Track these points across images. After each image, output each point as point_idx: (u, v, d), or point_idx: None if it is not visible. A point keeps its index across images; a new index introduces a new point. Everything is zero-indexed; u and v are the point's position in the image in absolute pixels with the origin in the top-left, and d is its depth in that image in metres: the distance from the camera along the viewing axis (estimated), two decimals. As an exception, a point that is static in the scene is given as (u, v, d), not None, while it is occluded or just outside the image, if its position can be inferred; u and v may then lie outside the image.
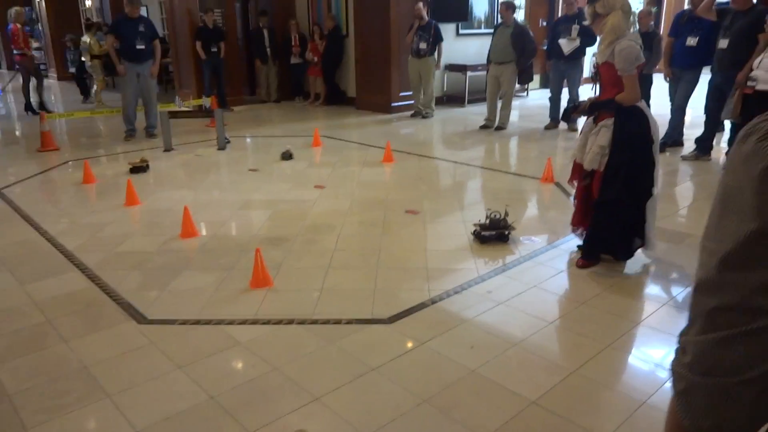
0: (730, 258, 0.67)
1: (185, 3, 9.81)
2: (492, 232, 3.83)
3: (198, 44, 9.50)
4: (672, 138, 6.50)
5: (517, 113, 9.09)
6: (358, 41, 9.60)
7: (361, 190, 5.18)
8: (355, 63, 9.79)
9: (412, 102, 9.15)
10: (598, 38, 3.35)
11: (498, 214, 3.86)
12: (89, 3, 15.83)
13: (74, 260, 3.65)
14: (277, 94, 10.70)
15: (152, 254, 3.76)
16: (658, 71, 6.83)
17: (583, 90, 7.97)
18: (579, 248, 3.64)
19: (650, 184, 3.31)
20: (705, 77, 6.10)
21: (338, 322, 2.84)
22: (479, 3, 10.16)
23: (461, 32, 10.01)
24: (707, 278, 0.71)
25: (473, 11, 10.07)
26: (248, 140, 7.62)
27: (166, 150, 6.81)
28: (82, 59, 10.94)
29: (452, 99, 10.13)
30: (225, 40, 9.74)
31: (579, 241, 3.68)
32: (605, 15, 3.19)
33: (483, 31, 10.12)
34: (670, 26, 6.62)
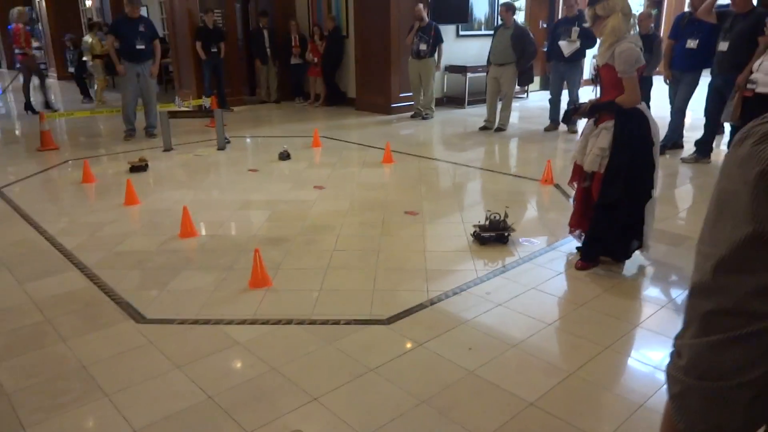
0: (725, 262, 0.67)
1: (185, 3, 9.82)
2: (491, 234, 3.83)
3: (198, 44, 9.50)
4: (672, 140, 6.50)
5: (517, 115, 9.10)
6: (358, 42, 9.61)
7: (361, 191, 5.18)
8: (355, 64, 9.79)
9: (412, 103, 9.16)
10: (599, 40, 3.35)
11: (497, 216, 3.86)
12: (89, 3, 15.82)
13: (73, 259, 3.65)
14: (277, 95, 10.71)
15: (151, 254, 3.76)
16: (658, 73, 6.84)
17: (583, 92, 7.98)
18: (578, 250, 3.64)
19: (650, 186, 3.32)
20: (705, 80, 6.11)
21: (337, 323, 2.85)
22: (479, 4, 10.17)
23: (461, 33, 10.02)
24: (702, 282, 0.70)
25: (473, 13, 10.08)
26: (248, 140, 7.62)
27: (166, 150, 6.81)
28: (83, 59, 10.95)
29: (452, 100, 10.14)
30: (225, 41, 9.75)
31: (578, 243, 3.69)
32: (606, 17, 3.19)
33: (483, 33, 10.12)
34: (671, 28, 6.63)
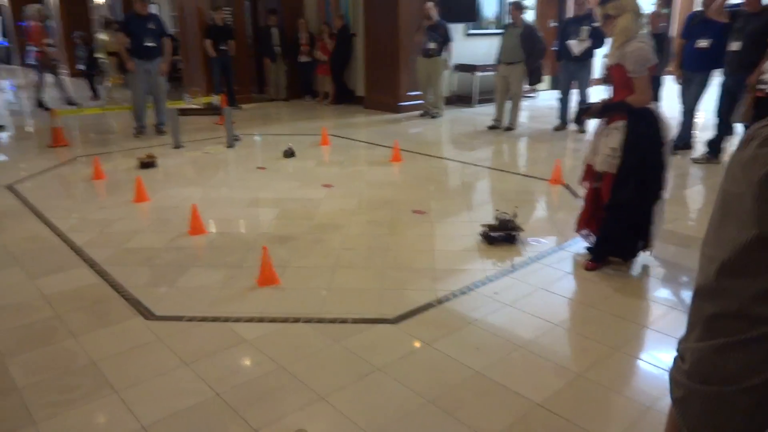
0: (729, 265, 0.66)
1: (195, 1, 9.86)
2: (500, 233, 3.82)
3: (207, 42, 9.53)
4: (682, 141, 6.45)
5: (527, 114, 9.06)
6: (367, 40, 9.60)
7: (369, 190, 5.18)
8: (364, 62, 9.79)
9: (421, 102, 9.14)
10: (609, 40, 3.33)
11: (506, 215, 3.85)
12: (101, 0, 15.89)
13: (83, 256, 3.68)
14: (286, 93, 10.73)
15: (160, 251, 3.78)
16: (669, 73, 6.79)
17: (593, 91, 7.93)
18: (588, 251, 3.62)
19: (660, 187, 3.30)
20: (716, 80, 6.06)
21: (344, 322, 2.85)
22: (488, 3, 10.13)
23: (470, 32, 9.99)
24: (706, 285, 0.70)
25: (482, 11, 10.05)
26: (257, 138, 7.64)
27: (175, 147, 6.84)
28: (95, 56, 11.02)
29: (461, 99, 10.11)
30: (234, 39, 9.77)
31: (586, 243, 3.67)
32: (616, 17, 3.17)
33: (492, 32, 10.09)
34: (682, 28, 6.58)
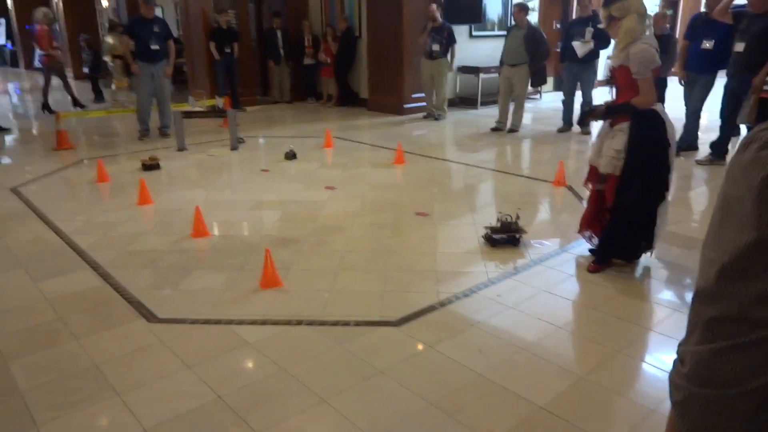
0: (729, 268, 0.66)
1: (200, 4, 9.89)
2: (503, 236, 3.81)
3: (212, 45, 9.57)
4: (687, 142, 6.42)
5: (530, 116, 9.05)
6: (371, 43, 9.61)
7: (372, 192, 5.18)
8: (368, 64, 9.80)
9: (425, 104, 9.14)
10: (613, 41, 3.32)
11: (509, 217, 3.85)
12: (106, 3, 15.99)
13: (87, 258, 3.69)
14: (290, 95, 10.75)
15: (164, 253, 3.79)
16: (673, 74, 6.77)
17: (597, 93, 7.91)
18: (591, 252, 3.61)
19: (665, 188, 3.28)
20: (720, 81, 6.04)
21: (347, 324, 2.85)
22: (492, 5, 10.13)
23: (474, 34, 9.99)
24: (706, 287, 0.69)
25: (486, 13, 10.04)
26: (261, 140, 7.66)
27: (179, 150, 6.86)
28: (104, 59, 11.06)
29: (465, 101, 10.11)
30: (238, 41, 9.80)
31: (588, 245, 3.65)
32: (620, 18, 3.16)
33: (496, 33, 10.08)
34: (686, 29, 6.56)
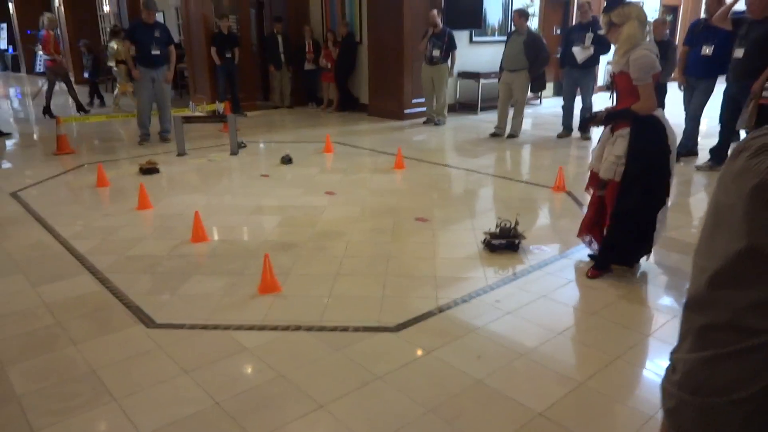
0: (720, 276, 0.66)
1: (201, 9, 9.92)
2: (502, 241, 3.81)
3: (213, 50, 9.59)
4: (686, 148, 6.43)
5: (530, 121, 9.06)
6: (372, 48, 9.64)
7: (372, 197, 5.18)
8: (368, 69, 9.82)
9: (425, 109, 9.16)
10: (613, 47, 3.32)
11: (508, 223, 3.84)
12: (107, 9, 16.05)
13: (86, 263, 3.69)
14: (291, 100, 10.77)
15: (163, 258, 3.79)
16: (673, 80, 6.78)
17: (597, 98, 7.92)
18: (590, 258, 3.61)
19: (665, 194, 3.28)
20: (720, 87, 6.04)
21: (345, 330, 2.84)
22: (493, 10, 10.16)
23: (474, 40, 10.01)
24: (697, 295, 0.69)
25: (487, 19, 10.07)
26: (261, 145, 7.66)
27: (180, 154, 6.87)
28: (108, 64, 11.09)
29: (465, 106, 10.12)
30: (239, 46, 9.83)
31: (588, 250, 3.65)
32: (620, 24, 3.16)
33: (496, 39, 10.11)
34: (685, 35, 6.58)
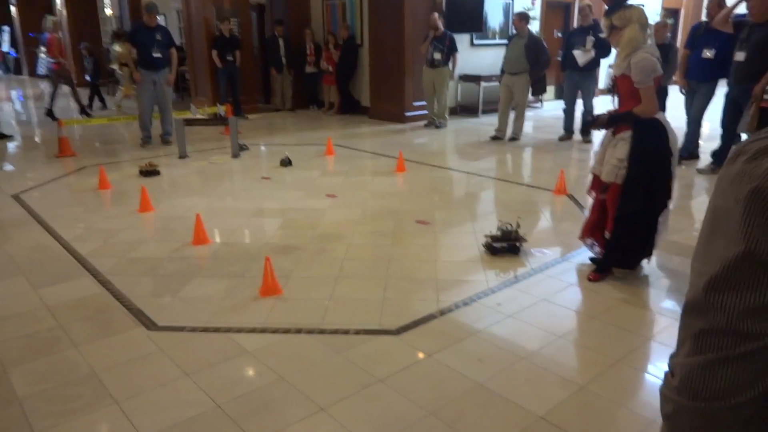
0: (718, 280, 0.66)
1: (202, 12, 9.95)
2: (503, 244, 3.81)
3: (214, 53, 9.62)
4: (688, 151, 6.42)
5: (532, 124, 9.06)
6: (373, 51, 9.65)
7: (373, 200, 5.18)
8: (369, 72, 9.84)
9: (426, 112, 9.16)
10: (614, 50, 3.33)
11: (509, 226, 3.84)
12: (109, 12, 16.09)
13: (87, 265, 3.69)
14: (292, 103, 10.79)
15: (164, 261, 3.79)
16: (674, 83, 6.78)
17: (598, 101, 7.92)
18: (592, 261, 3.60)
19: (667, 197, 3.28)
20: (721, 90, 6.05)
21: (346, 332, 2.84)
22: (494, 14, 10.18)
23: (476, 43, 10.03)
24: (695, 300, 0.69)
25: (488, 22, 10.09)
26: (262, 148, 7.67)
27: (181, 157, 6.88)
28: (112, 66, 11.14)
29: (466, 109, 10.13)
30: (241, 49, 9.85)
31: (589, 252, 3.65)
32: (622, 28, 3.17)
33: (497, 42, 10.12)
34: (686, 38, 6.58)
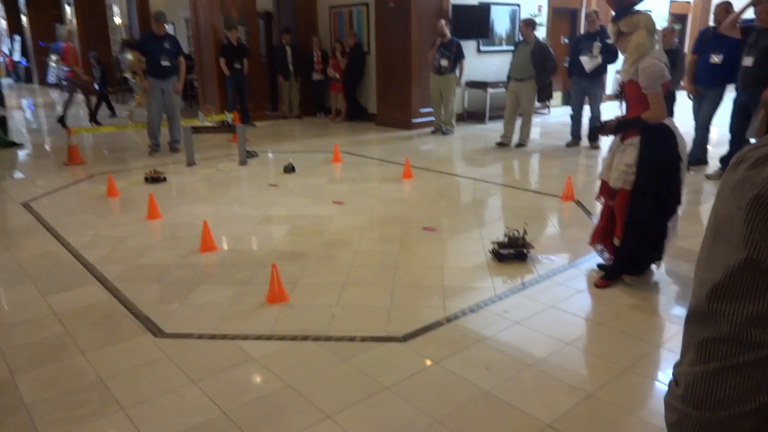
0: (721, 288, 0.65)
1: (210, 20, 10.03)
2: (510, 251, 3.79)
3: (222, 61, 9.68)
4: (696, 156, 6.38)
5: (539, 130, 9.05)
6: (380, 58, 9.68)
7: (380, 206, 5.18)
8: (376, 79, 9.86)
9: (433, 118, 9.17)
10: (621, 56, 3.32)
11: (516, 232, 3.83)
12: (119, 21, 16.26)
13: (95, 272, 3.71)
14: (299, 110, 10.83)
15: (171, 267, 3.81)
16: (682, 89, 6.75)
17: (605, 107, 7.89)
18: (599, 267, 3.58)
19: (677, 201, 3.27)
20: (729, 95, 6.01)
21: (353, 339, 2.83)
22: (500, 20, 10.19)
23: (482, 49, 10.04)
24: (698, 308, 0.69)
25: (494, 28, 10.11)
26: (270, 155, 7.70)
27: (189, 164, 6.92)
28: (125, 75, 11.24)
29: (473, 116, 10.13)
30: (248, 57, 9.90)
31: (599, 260, 3.63)
32: (629, 33, 3.16)
33: (504, 48, 10.14)
34: (694, 43, 6.56)
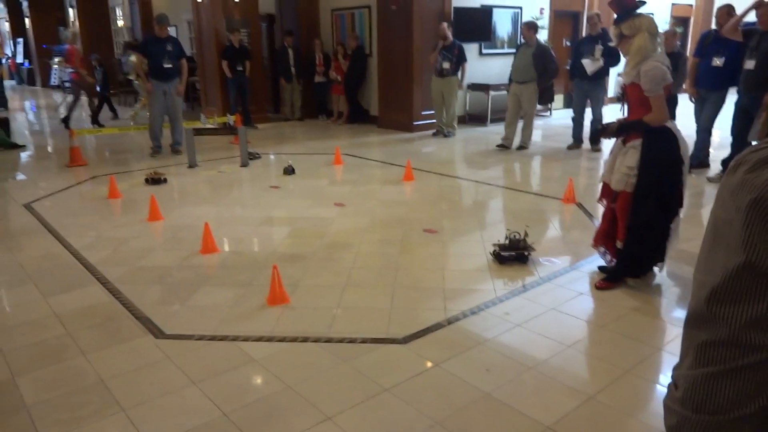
0: (720, 291, 0.65)
1: (212, 23, 10.06)
2: (511, 253, 3.79)
3: (224, 63, 9.71)
4: (698, 159, 6.38)
5: (540, 133, 9.05)
6: (381, 60, 9.70)
7: (381, 209, 5.18)
8: (378, 82, 9.88)
9: (434, 121, 9.18)
10: (622, 59, 3.32)
11: (518, 235, 3.83)
12: (121, 23, 16.31)
13: (96, 274, 3.72)
14: (301, 112, 10.85)
15: (172, 269, 3.81)
16: (684, 92, 6.75)
17: (607, 110, 7.89)
18: (600, 270, 3.58)
19: (679, 204, 3.26)
20: (731, 98, 6.01)
21: (353, 341, 2.83)
22: (502, 23, 10.21)
23: (484, 52, 10.05)
24: (697, 311, 0.69)
25: (496, 31, 10.12)
26: (272, 157, 7.71)
27: (191, 166, 6.93)
28: (129, 77, 11.28)
29: (474, 118, 10.13)
30: (250, 59, 9.94)
31: (600, 263, 3.62)
32: (631, 36, 3.17)
33: (506, 51, 10.14)
34: (696, 46, 6.56)
